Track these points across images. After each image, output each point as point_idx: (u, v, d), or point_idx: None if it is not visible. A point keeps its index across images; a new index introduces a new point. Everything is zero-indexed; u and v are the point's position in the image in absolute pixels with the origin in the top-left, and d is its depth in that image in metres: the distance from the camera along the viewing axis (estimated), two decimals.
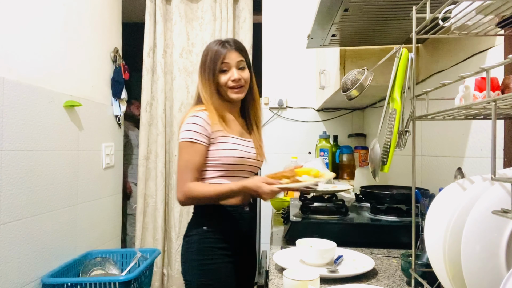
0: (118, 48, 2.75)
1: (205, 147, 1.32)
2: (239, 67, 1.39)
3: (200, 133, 1.31)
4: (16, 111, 1.71)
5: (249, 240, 1.50)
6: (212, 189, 1.30)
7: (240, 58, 1.39)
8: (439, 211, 0.72)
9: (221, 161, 1.33)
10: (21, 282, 1.75)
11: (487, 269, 0.59)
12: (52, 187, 1.98)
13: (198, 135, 1.31)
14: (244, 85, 1.40)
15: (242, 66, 1.40)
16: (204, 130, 1.32)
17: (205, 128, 1.32)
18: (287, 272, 0.86)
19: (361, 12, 1.22)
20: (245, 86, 1.41)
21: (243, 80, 1.39)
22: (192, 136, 1.31)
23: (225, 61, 1.36)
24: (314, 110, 2.76)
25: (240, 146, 1.36)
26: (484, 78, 0.67)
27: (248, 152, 1.38)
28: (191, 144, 1.31)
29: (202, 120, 1.32)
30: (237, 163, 1.35)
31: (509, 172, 0.66)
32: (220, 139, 1.34)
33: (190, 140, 1.31)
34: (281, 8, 2.77)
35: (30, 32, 1.84)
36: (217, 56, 1.36)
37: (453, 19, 0.78)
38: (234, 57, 1.37)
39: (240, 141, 1.38)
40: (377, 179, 0.99)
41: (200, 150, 1.31)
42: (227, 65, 1.37)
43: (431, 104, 0.84)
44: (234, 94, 1.39)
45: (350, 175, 2.41)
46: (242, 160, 1.35)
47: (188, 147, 1.31)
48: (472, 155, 1.18)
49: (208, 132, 1.32)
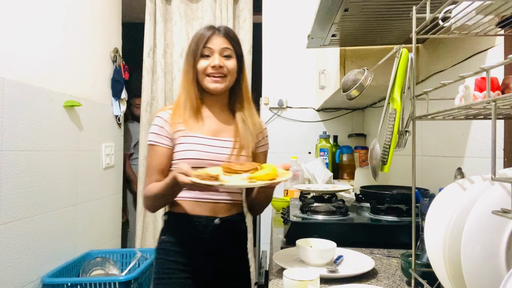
0: (118, 48, 2.75)
1: (168, 149, 1.23)
2: (224, 54, 1.23)
3: (159, 134, 1.23)
4: (16, 111, 1.71)
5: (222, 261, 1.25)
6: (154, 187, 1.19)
7: (227, 45, 1.24)
8: (439, 211, 0.72)
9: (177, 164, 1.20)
10: (21, 282, 1.75)
11: (487, 269, 0.59)
12: (52, 187, 1.98)
13: (157, 137, 1.23)
14: (226, 74, 1.23)
15: (228, 54, 1.24)
16: (163, 131, 1.23)
17: (164, 128, 1.23)
18: (287, 272, 0.86)
19: (361, 12, 1.22)
20: (228, 77, 1.24)
21: (226, 69, 1.23)
22: (152, 139, 1.24)
23: (207, 45, 1.22)
24: (314, 110, 2.76)
25: (201, 147, 1.21)
26: (484, 78, 0.67)
27: (213, 153, 1.22)
28: (151, 147, 1.24)
29: (162, 120, 1.24)
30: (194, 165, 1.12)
31: (509, 172, 0.66)
32: (180, 139, 1.23)
33: (149, 142, 1.24)
34: (281, 8, 2.77)
35: (30, 32, 1.84)
36: (201, 39, 1.22)
37: (453, 19, 0.78)
38: (220, 43, 1.23)
39: (205, 140, 1.23)
40: (377, 179, 0.99)
41: (160, 152, 1.23)
42: (210, 50, 1.22)
43: (431, 104, 0.84)
44: (212, 84, 1.22)
45: (350, 175, 2.41)
46: (201, 162, 1.18)
47: (149, 151, 1.25)
48: (472, 155, 1.18)
49: (169, 133, 1.23)
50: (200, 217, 1.22)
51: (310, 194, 1.61)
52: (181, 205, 1.25)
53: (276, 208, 1.94)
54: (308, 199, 1.47)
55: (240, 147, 1.25)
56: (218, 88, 1.23)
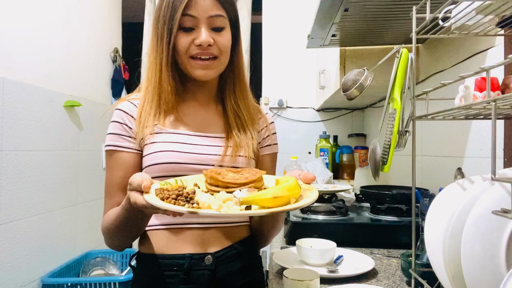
0: (118, 48, 2.75)
1: (134, 154, 0.86)
2: (214, 26, 0.85)
3: (120, 135, 0.86)
4: (16, 111, 1.71)
5: None
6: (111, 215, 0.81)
7: (217, 11, 0.84)
8: (439, 211, 0.72)
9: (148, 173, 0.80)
10: (21, 282, 1.75)
11: (487, 269, 0.59)
12: (52, 187, 1.98)
13: (117, 138, 0.86)
14: (218, 56, 0.86)
15: (220, 25, 0.86)
16: (126, 129, 0.86)
17: (127, 125, 0.86)
18: (287, 272, 0.86)
19: (361, 12, 1.22)
20: (221, 59, 0.87)
21: (218, 47, 0.85)
22: (110, 142, 0.86)
23: (189, 12, 0.82)
24: (314, 110, 2.76)
25: (181, 146, 0.84)
26: (484, 78, 0.67)
27: (198, 154, 0.85)
28: (110, 154, 0.86)
29: (124, 114, 0.87)
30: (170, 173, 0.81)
31: (509, 172, 0.66)
32: (150, 138, 0.85)
33: (107, 148, 0.87)
34: (281, 8, 2.77)
35: (30, 32, 1.84)
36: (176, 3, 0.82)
37: (453, 19, 0.78)
38: (207, 7, 0.83)
39: (186, 137, 0.87)
40: (377, 179, 0.99)
41: (123, 161, 0.85)
42: (193, 20, 0.83)
43: (431, 104, 0.84)
44: (199, 70, 0.85)
45: (350, 175, 2.41)
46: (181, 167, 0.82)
47: (108, 159, 0.87)
48: (472, 155, 1.18)
49: (134, 131, 0.86)
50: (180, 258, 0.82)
51: None
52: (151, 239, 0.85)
53: None
54: None
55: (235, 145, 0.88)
56: (207, 76, 0.87)
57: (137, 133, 0.86)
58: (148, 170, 0.84)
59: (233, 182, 0.67)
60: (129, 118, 0.87)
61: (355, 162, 2.45)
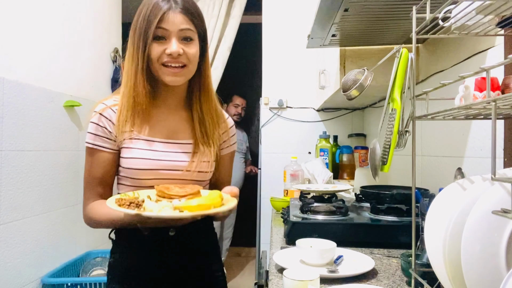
0: (118, 48, 2.74)
1: (112, 154, 1.01)
2: (183, 37, 0.97)
3: (99, 136, 1.00)
4: (16, 111, 1.71)
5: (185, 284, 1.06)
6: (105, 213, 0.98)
7: (187, 25, 0.97)
8: (439, 211, 0.72)
9: (124, 173, 1.00)
10: (21, 282, 1.75)
11: (487, 269, 0.59)
12: (52, 187, 1.98)
13: (97, 138, 1.00)
14: (186, 64, 0.98)
15: (189, 36, 0.98)
16: (105, 132, 1.00)
17: (106, 129, 1.00)
18: (287, 272, 0.86)
19: (361, 12, 1.22)
20: (189, 67, 0.99)
21: (187, 57, 0.98)
22: (90, 140, 1.01)
23: (161, 26, 0.95)
24: (314, 110, 2.76)
25: (153, 153, 0.99)
26: (484, 78, 0.67)
27: (168, 160, 1.00)
28: (90, 151, 1.02)
29: (103, 118, 1.00)
30: (144, 177, 0.98)
31: (509, 172, 0.66)
32: (125, 143, 1.00)
33: (88, 145, 1.02)
34: (281, 8, 2.77)
35: (30, 32, 1.84)
36: (153, 14, 0.95)
37: (453, 19, 0.78)
38: (178, 21, 0.96)
39: (157, 145, 1.01)
40: (377, 179, 0.99)
41: (102, 159, 1.00)
42: (165, 32, 0.96)
43: (431, 104, 0.84)
44: (169, 76, 0.97)
45: (350, 175, 2.41)
46: (153, 172, 0.98)
47: (87, 156, 1.03)
48: (472, 155, 1.18)
49: (113, 134, 1.00)
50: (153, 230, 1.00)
51: (310, 194, 1.61)
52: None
53: (276, 208, 1.94)
54: (308, 199, 1.47)
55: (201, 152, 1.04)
56: (176, 82, 0.99)
57: (116, 136, 1.00)
58: (124, 171, 1.00)
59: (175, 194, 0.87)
60: (108, 123, 1.01)
61: (355, 162, 2.45)
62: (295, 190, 1.95)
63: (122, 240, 1.06)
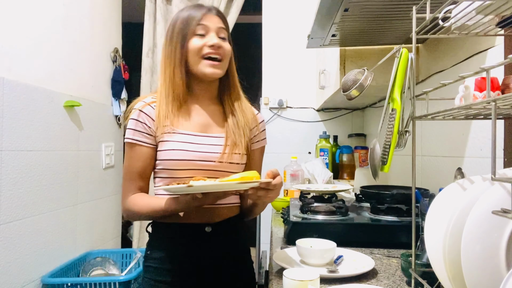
0: (118, 48, 2.74)
1: (150, 149, 1.07)
2: (220, 35, 1.09)
3: (140, 131, 1.06)
4: (16, 111, 1.71)
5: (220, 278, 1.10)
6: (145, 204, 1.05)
7: (223, 25, 1.09)
8: (439, 211, 0.72)
9: (162, 165, 1.06)
10: (21, 282, 1.75)
11: (487, 269, 0.59)
12: (52, 187, 1.98)
13: (137, 134, 1.06)
14: (223, 59, 1.08)
15: (224, 36, 1.10)
16: (145, 127, 1.06)
17: (146, 124, 1.06)
18: (287, 272, 0.86)
19: (361, 12, 1.22)
20: (225, 62, 1.09)
21: (224, 52, 1.08)
22: (131, 136, 1.06)
23: (202, 22, 1.06)
24: (314, 110, 2.76)
25: (189, 145, 1.05)
26: (484, 78, 0.67)
27: (203, 152, 1.06)
28: (130, 146, 1.07)
29: (143, 114, 1.07)
30: (180, 167, 1.04)
31: (509, 172, 0.66)
32: (164, 137, 1.06)
33: (128, 140, 1.07)
34: (281, 8, 2.77)
35: (30, 32, 1.84)
36: (190, 18, 1.06)
37: (453, 19, 0.78)
38: (215, 21, 1.08)
39: (192, 138, 1.07)
40: (377, 179, 0.99)
41: (142, 153, 1.06)
42: (205, 28, 1.06)
43: (431, 104, 0.84)
44: (210, 68, 1.06)
45: (350, 175, 2.41)
46: (188, 163, 1.04)
47: (128, 150, 1.08)
48: (472, 155, 1.18)
49: (152, 130, 1.06)
50: (190, 226, 1.06)
51: (310, 194, 1.61)
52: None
53: (276, 208, 1.94)
54: (308, 199, 1.47)
55: (233, 144, 1.09)
56: (215, 74, 1.08)
57: (155, 132, 1.06)
58: (161, 164, 1.06)
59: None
60: (148, 118, 1.07)
61: (355, 162, 2.45)
62: (295, 190, 1.95)
63: (158, 234, 1.11)
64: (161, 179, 1.09)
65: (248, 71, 1.36)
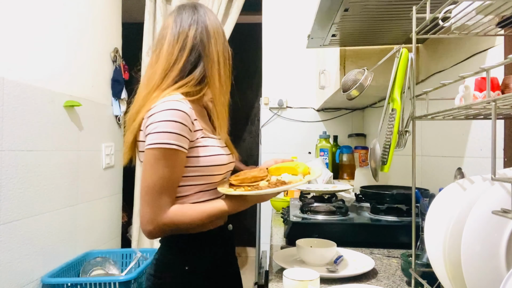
0: (118, 48, 2.74)
1: (185, 154, 0.96)
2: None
3: (183, 136, 0.94)
4: (16, 111, 1.71)
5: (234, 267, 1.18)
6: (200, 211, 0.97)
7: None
8: (439, 211, 0.72)
9: (201, 172, 0.99)
10: (21, 282, 1.75)
11: (487, 269, 0.59)
12: (52, 187, 1.98)
13: (180, 138, 0.93)
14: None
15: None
16: (188, 132, 0.95)
17: (189, 128, 0.95)
18: (287, 272, 0.86)
19: (361, 12, 1.22)
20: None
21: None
22: (173, 141, 0.92)
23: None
24: (314, 110, 2.76)
25: (220, 149, 1.04)
26: (484, 78, 0.67)
27: (228, 154, 1.09)
28: (171, 153, 0.92)
29: (186, 116, 0.94)
30: (218, 172, 1.02)
31: (509, 172, 0.66)
32: (201, 141, 0.99)
33: (170, 146, 0.91)
34: (281, 8, 2.77)
35: (30, 32, 1.84)
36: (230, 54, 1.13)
37: (453, 19, 0.78)
38: None
39: (218, 141, 1.07)
40: (377, 179, 0.99)
41: (182, 160, 0.95)
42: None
43: (431, 104, 0.84)
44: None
45: (350, 175, 2.41)
46: (224, 167, 1.04)
47: (168, 158, 0.92)
48: (472, 155, 1.18)
49: (191, 134, 0.97)
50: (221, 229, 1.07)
51: (310, 194, 1.61)
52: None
53: (276, 208, 1.94)
54: (308, 199, 1.47)
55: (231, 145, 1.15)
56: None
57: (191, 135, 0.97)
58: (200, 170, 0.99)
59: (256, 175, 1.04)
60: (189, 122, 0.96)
61: (355, 162, 2.45)
62: (295, 190, 1.95)
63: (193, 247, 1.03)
64: (192, 187, 1.00)
65: (248, 71, 1.35)
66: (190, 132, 0.96)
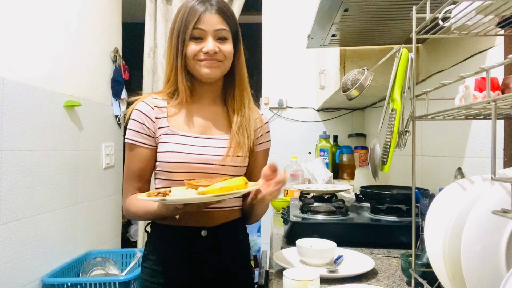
0: (118, 48, 2.74)
1: (150, 150, 1.06)
2: (219, 37, 1.04)
3: (139, 132, 1.05)
4: (16, 111, 1.71)
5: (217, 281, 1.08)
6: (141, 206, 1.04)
7: (222, 25, 1.04)
8: (439, 211, 0.72)
9: (160, 167, 1.06)
10: (21, 282, 1.75)
11: (487, 269, 0.59)
12: (52, 187, 1.98)
13: (137, 135, 1.05)
14: (222, 60, 1.05)
15: (223, 36, 1.05)
16: (144, 128, 1.05)
17: (145, 125, 1.05)
18: (287, 272, 0.86)
19: (361, 12, 1.22)
20: (224, 63, 1.06)
21: (222, 54, 1.05)
22: (131, 137, 1.06)
23: (198, 26, 1.02)
24: (314, 110, 2.76)
25: (187, 148, 1.03)
26: (484, 78, 0.67)
27: (202, 154, 1.04)
28: (130, 147, 1.07)
29: (142, 115, 1.05)
30: (177, 170, 1.03)
31: (509, 172, 0.66)
32: (163, 138, 1.05)
33: (128, 141, 1.06)
34: (281, 8, 2.77)
35: (30, 32, 1.84)
36: (191, 16, 1.02)
37: (453, 19, 0.78)
38: (213, 23, 1.03)
39: (191, 140, 1.05)
40: (377, 179, 0.99)
41: (141, 154, 1.06)
42: (201, 32, 1.03)
43: (431, 104, 0.84)
44: (205, 68, 1.04)
45: (350, 175, 2.41)
46: (187, 166, 1.02)
47: (128, 151, 1.08)
48: (472, 155, 1.18)
49: (152, 131, 1.06)
50: (185, 229, 1.05)
51: (310, 194, 1.61)
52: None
53: (276, 208, 1.94)
54: (308, 199, 1.47)
55: (236, 146, 1.07)
56: (212, 75, 1.05)
57: (154, 132, 1.06)
58: (160, 166, 1.06)
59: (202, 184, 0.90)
60: (147, 119, 1.06)
61: (355, 162, 2.45)
62: (295, 190, 1.95)
63: (156, 235, 1.10)
64: (160, 180, 1.08)
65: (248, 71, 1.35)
66: (147, 129, 1.05)
